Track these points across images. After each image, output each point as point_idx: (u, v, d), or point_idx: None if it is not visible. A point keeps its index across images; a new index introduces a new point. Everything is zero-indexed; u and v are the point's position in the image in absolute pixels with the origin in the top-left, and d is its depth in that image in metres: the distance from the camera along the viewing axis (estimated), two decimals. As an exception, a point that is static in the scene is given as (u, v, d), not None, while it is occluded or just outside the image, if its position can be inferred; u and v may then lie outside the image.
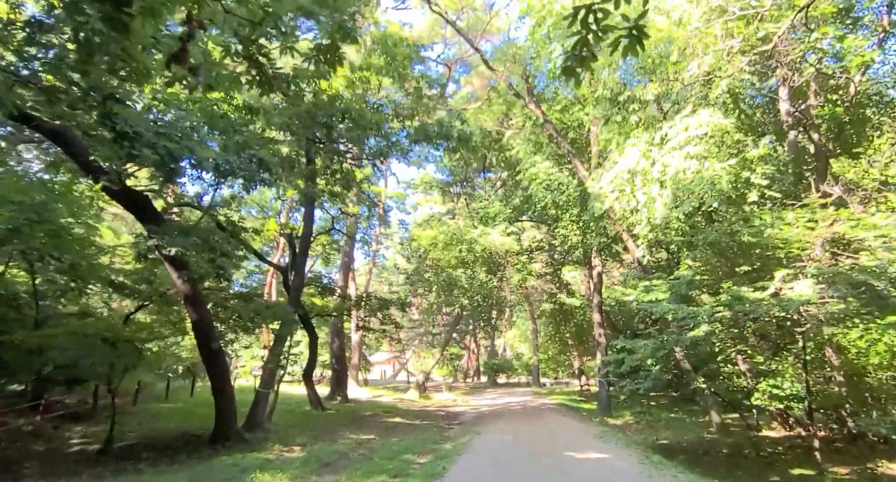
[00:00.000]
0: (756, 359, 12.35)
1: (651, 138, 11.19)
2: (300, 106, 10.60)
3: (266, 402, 12.51)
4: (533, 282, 23.23)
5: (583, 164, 14.16)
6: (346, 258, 21.31)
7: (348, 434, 13.31)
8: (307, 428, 13.93)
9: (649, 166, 10.98)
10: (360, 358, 31.59)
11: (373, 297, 18.17)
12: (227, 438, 11.29)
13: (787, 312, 7.75)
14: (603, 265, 18.50)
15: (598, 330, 17.89)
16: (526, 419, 16.35)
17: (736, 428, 13.85)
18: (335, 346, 20.61)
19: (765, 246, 8.39)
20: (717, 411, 13.02)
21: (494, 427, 14.46)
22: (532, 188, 14.69)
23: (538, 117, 14.89)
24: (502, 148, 21.85)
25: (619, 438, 12.24)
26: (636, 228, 11.20)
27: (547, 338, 33.14)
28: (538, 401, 24.77)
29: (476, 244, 18.46)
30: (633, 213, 11.35)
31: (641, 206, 11.00)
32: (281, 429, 13.15)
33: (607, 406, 17.59)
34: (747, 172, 9.97)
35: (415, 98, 12.53)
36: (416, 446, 11.60)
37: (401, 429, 14.88)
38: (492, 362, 42.06)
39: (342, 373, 20.72)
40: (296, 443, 11.49)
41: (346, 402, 20.03)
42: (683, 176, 9.89)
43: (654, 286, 9.87)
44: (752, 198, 9.72)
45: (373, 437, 12.90)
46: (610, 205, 11.34)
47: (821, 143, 12.20)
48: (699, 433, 13.50)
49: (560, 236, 18.52)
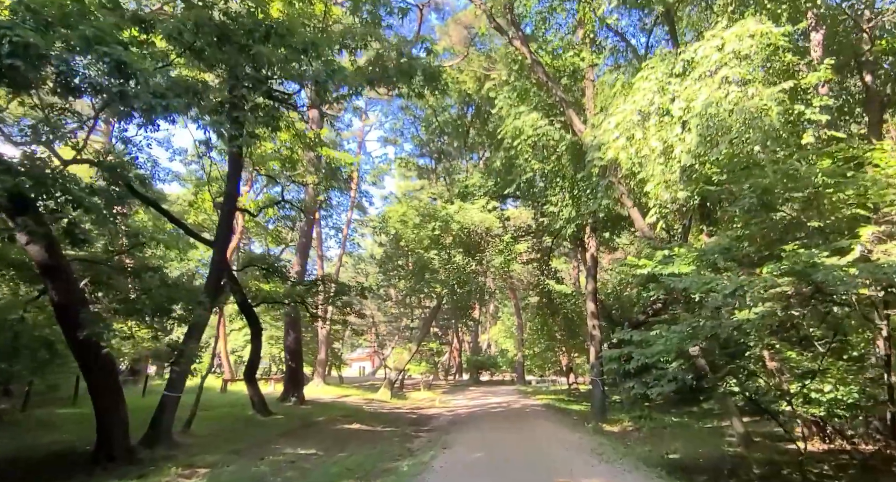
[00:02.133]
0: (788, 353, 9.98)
1: (670, 68, 8.65)
2: (204, 14, 7.86)
3: (173, 409, 9.77)
4: (518, 269, 20.70)
5: (578, 117, 11.61)
6: (303, 238, 18.52)
7: (284, 447, 10.64)
8: (235, 439, 11.22)
9: (667, 102, 8.44)
10: (329, 353, 28.84)
11: (327, 281, 15.44)
12: (112, 457, 8.56)
13: (879, 285, 5.28)
14: (598, 247, 16.02)
15: (592, 321, 15.42)
16: (507, 426, 13.84)
17: (758, 437, 11.50)
18: (290, 340, 17.84)
19: (842, 196, 5.93)
20: (740, 418, 10.61)
21: (468, 436, 11.92)
22: (516, 147, 12.10)
23: (524, 58, 12.26)
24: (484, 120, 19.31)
25: (621, 453, 9.77)
26: (648, 186, 8.66)
27: (533, 333, 30.77)
28: (522, 401, 22.32)
29: (452, 222, 15.83)
30: (643, 166, 8.81)
31: (656, 156, 8.48)
32: (198, 443, 10.42)
33: (602, 409, 15.17)
34: (800, 105, 7.47)
35: (369, 25, 9.83)
36: (363, 465, 9.01)
37: (356, 438, 12.25)
38: (474, 359, 39.63)
39: (297, 370, 17.96)
40: (204, 462, 8.78)
41: (301, 405, 17.31)
42: (716, 109, 7.37)
43: (675, 255, 7.36)
44: (808, 139, 7.23)
45: (314, 452, 10.24)
46: (615, 155, 8.79)
47: (876, 86, 9.76)
48: (716, 444, 11.08)
49: (549, 214, 15.98)
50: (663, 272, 7.21)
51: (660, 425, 13.87)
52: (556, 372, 34.22)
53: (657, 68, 8.76)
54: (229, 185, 10.39)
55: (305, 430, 13.10)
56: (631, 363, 7.52)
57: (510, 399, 23.72)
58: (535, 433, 12.19)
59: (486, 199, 16.59)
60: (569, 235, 16.99)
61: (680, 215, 10.76)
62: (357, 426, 14.20)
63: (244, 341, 26.88)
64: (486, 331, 49.95)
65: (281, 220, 15.69)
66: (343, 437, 12.37)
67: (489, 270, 19.02)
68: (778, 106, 7.00)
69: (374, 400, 23.05)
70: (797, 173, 6.22)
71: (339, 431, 13.30)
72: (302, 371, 18.92)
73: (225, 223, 10.35)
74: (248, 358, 14.79)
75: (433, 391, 28.54)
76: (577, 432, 12.39)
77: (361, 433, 13.21)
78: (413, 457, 9.66)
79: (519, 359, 35.85)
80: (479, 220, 15.60)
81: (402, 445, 11.35)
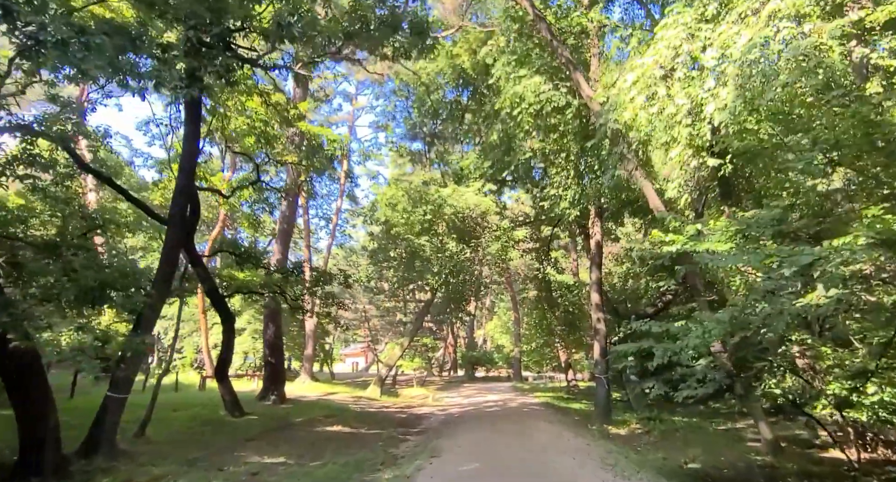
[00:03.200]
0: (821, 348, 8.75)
1: (700, 12, 7.32)
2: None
3: (117, 413, 8.42)
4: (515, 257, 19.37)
5: (586, 82, 10.22)
6: (284, 225, 17.10)
7: (250, 455, 9.32)
8: (196, 445, 9.90)
9: (697, 51, 7.12)
10: (318, 348, 27.50)
11: (304, 269, 14.02)
12: (39, 471, 7.20)
13: None
14: (603, 233, 14.73)
15: (597, 314, 14.15)
16: (504, 428, 12.59)
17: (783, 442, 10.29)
18: (269, 333, 16.48)
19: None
20: (767, 423, 9.36)
21: (461, 441, 10.64)
22: (516, 117, 10.73)
23: (526, 14, 10.84)
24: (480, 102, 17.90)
25: (635, 462, 8.52)
26: (672, 152, 7.35)
27: (530, 328, 29.56)
28: (520, 399, 21.09)
29: (445, 206, 14.48)
30: (666, 130, 7.50)
31: (683, 116, 7.18)
32: (149, 451, 9.09)
33: (606, 409, 13.94)
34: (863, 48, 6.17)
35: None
36: (337, 478, 7.73)
37: (335, 443, 10.96)
38: (469, 355, 38.42)
39: (278, 366, 16.61)
40: (149, 476, 7.45)
41: (281, 403, 16.00)
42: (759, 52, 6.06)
43: (711, 230, 6.07)
44: (874, 87, 5.92)
45: (282, 461, 8.94)
46: (632, 117, 7.46)
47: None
48: (740, 451, 9.84)
49: (550, 198, 14.66)
50: (696, 249, 5.91)
51: (670, 427, 12.66)
52: (553, 368, 33.08)
53: (684, 13, 7.42)
54: (186, 143, 8.90)
55: (279, 434, 11.79)
56: (655, 359, 6.21)
57: (507, 397, 22.50)
58: (535, 437, 10.94)
59: (483, 182, 15.25)
60: (572, 220, 15.71)
61: (698, 191, 9.47)
62: (338, 428, 12.90)
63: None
64: (482, 327, 48.75)
65: (258, 203, 14.30)
66: (321, 442, 11.07)
67: (485, 258, 17.70)
68: (840, 45, 5.69)
69: (362, 398, 21.75)
70: (883, 119, 4.93)
71: (317, 434, 12.00)
72: (283, 367, 17.59)
73: (183, 193, 8.86)
74: (219, 353, 13.43)
75: (427, 388, 27.31)
76: (581, 436, 11.14)
77: (342, 436, 11.92)
78: (397, 468, 8.39)
79: (515, 354, 34.69)
80: (474, 204, 14.27)
81: (387, 451, 10.07)
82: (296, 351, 28.85)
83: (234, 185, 13.34)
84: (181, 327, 29.77)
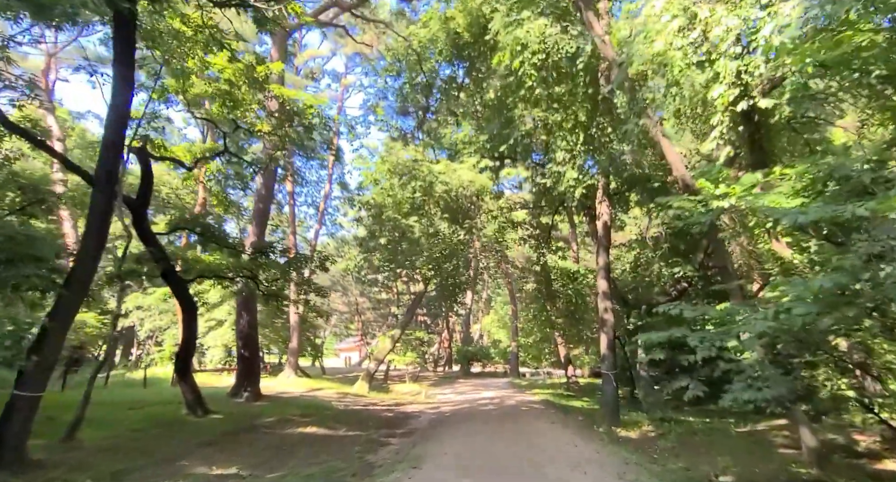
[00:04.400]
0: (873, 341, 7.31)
1: None
2: None
3: (26, 415, 6.90)
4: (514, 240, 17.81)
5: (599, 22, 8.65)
6: (260, 204, 15.47)
7: (198, 465, 7.82)
8: (137, 452, 8.37)
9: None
10: (304, 341, 26.00)
11: (272, 251, 12.38)
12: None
13: None
14: (612, 214, 13.23)
15: (604, 303, 12.66)
16: (499, 431, 11.14)
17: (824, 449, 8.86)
18: (242, 323, 14.92)
19: None
20: (811, 428, 7.89)
21: (450, 447, 9.16)
22: (518, 70, 9.15)
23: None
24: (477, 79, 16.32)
25: (656, 476, 7.07)
26: (715, 89, 5.83)
27: (529, 321, 28.13)
28: (517, 396, 19.67)
29: (436, 183, 12.93)
30: (706, 66, 5.97)
31: (731, 42, 5.66)
32: (74, 459, 7.56)
33: (614, 409, 12.46)
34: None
35: None
36: (293, 498, 6.26)
37: (304, 448, 9.47)
38: (465, 349, 37.02)
39: (253, 360, 15.07)
40: (56, 495, 5.98)
41: (255, 401, 14.50)
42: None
43: (777, 179, 4.57)
44: None
45: (234, 473, 7.44)
46: (666, 44, 5.93)
47: None
48: (776, 460, 8.39)
49: (553, 175, 13.14)
50: (756, 204, 4.41)
51: (687, 430, 11.24)
52: (552, 364, 31.71)
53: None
54: (116, 85, 7.26)
55: (242, 437, 10.29)
56: (698, 353, 4.72)
57: (503, 394, 21.09)
58: (536, 442, 9.48)
59: (478, 157, 13.72)
60: (575, 202, 14.19)
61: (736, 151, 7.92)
62: (313, 430, 11.40)
63: (206, 327, 23.95)
64: (479, 321, 47.38)
65: (229, 180, 12.75)
66: (288, 446, 9.59)
67: (480, 239, 16.16)
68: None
69: (349, 394, 20.31)
70: None
71: (286, 437, 10.50)
72: (258, 360, 16.08)
73: (111, 148, 7.25)
74: (179, 346, 11.89)
75: (419, 383, 25.88)
76: (589, 441, 9.67)
77: (315, 439, 10.43)
78: (372, 479, 6.93)
79: (513, 349, 33.33)
80: (468, 180, 12.74)
81: (362, 458, 8.59)
82: (281, 344, 27.36)
83: (194, 153, 11.74)
84: (161, 318, 28.27)
